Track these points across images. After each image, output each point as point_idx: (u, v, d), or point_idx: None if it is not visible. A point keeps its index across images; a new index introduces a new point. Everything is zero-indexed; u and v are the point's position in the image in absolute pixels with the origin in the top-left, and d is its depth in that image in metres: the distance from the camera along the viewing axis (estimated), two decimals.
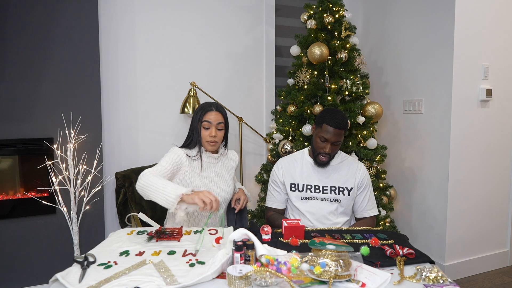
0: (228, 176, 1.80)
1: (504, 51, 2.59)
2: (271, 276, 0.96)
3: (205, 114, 1.69)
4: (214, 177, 1.75)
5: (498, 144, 2.65)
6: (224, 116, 1.72)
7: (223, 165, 1.80)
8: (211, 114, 1.68)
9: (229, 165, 1.84)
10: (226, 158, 1.84)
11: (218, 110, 1.71)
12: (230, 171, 1.83)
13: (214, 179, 1.74)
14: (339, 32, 2.44)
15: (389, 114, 2.93)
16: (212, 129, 1.67)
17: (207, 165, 1.74)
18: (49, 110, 2.19)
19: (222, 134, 1.72)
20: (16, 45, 2.10)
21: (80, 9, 2.22)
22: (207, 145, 1.70)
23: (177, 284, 1.00)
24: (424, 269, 1.07)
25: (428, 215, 2.64)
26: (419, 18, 2.65)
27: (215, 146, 1.71)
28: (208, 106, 1.71)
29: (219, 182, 1.75)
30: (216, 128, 1.68)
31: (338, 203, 1.75)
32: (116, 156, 2.56)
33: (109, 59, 2.50)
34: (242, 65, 2.90)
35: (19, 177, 2.18)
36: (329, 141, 1.67)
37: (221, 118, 1.70)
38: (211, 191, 1.44)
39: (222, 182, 1.75)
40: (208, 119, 1.67)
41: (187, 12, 2.69)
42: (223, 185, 1.75)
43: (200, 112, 1.70)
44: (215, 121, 1.68)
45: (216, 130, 1.68)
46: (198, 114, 1.71)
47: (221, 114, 1.71)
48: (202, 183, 1.69)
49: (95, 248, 1.30)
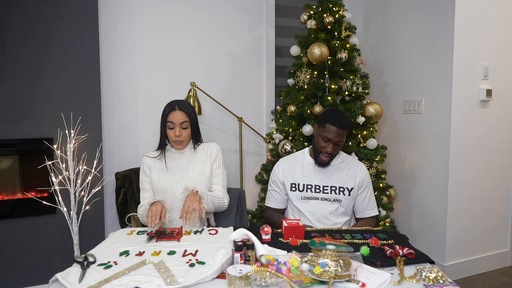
0: (200, 169, 1.75)
1: (504, 51, 2.59)
2: (271, 276, 0.96)
3: (169, 115, 1.70)
4: (181, 172, 1.74)
5: (498, 144, 2.65)
6: (188, 114, 1.71)
7: (195, 159, 1.77)
8: (174, 114, 1.69)
9: (201, 156, 1.79)
10: (198, 151, 1.80)
11: (181, 109, 1.70)
12: (205, 163, 1.78)
13: (180, 174, 1.74)
14: (339, 32, 2.44)
15: (389, 114, 2.93)
16: (176, 129, 1.69)
17: (173, 161, 1.76)
18: (49, 110, 2.19)
19: (187, 133, 1.72)
20: (16, 45, 2.10)
21: (80, 9, 2.22)
22: (174, 144, 1.74)
23: (177, 284, 1.00)
24: (424, 269, 1.07)
25: (428, 215, 2.64)
26: (419, 18, 2.64)
27: (181, 145, 1.74)
28: (171, 107, 1.71)
29: (184, 176, 1.73)
30: (180, 127, 1.69)
31: (338, 203, 1.75)
32: (116, 156, 2.56)
33: (109, 59, 2.50)
34: (242, 65, 2.89)
35: (19, 177, 2.18)
36: (332, 141, 1.67)
37: (185, 117, 1.70)
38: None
39: (189, 176, 1.72)
40: (171, 120, 1.69)
41: (187, 12, 2.69)
42: (189, 178, 1.72)
43: (164, 114, 1.72)
44: (178, 120, 1.69)
45: (180, 130, 1.69)
46: (163, 115, 1.72)
47: (185, 112, 1.70)
48: (168, 179, 1.72)
49: (95, 248, 1.30)
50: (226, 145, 2.83)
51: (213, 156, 1.80)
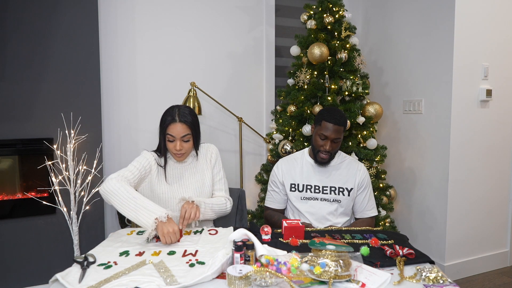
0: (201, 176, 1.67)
1: (504, 51, 2.59)
2: (271, 276, 0.96)
3: (168, 127, 1.53)
4: (181, 180, 1.63)
5: (498, 144, 2.65)
6: (190, 125, 1.54)
7: (196, 168, 1.68)
8: (174, 127, 1.52)
9: (201, 162, 1.69)
10: (200, 159, 1.70)
11: (182, 121, 1.52)
12: (206, 170, 1.69)
13: (180, 182, 1.63)
14: (339, 32, 2.44)
15: (389, 114, 2.93)
16: (177, 143, 1.53)
17: (174, 169, 1.64)
18: (49, 110, 2.19)
19: (189, 145, 1.57)
20: (16, 45, 2.10)
21: (80, 9, 2.22)
22: (175, 156, 1.59)
23: (177, 284, 1.00)
24: (424, 269, 1.07)
25: (428, 215, 2.64)
26: (419, 18, 2.65)
27: (182, 157, 1.60)
28: (170, 118, 1.53)
29: (185, 185, 1.63)
30: (181, 140, 1.53)
31: (338, 203, 1.75)
32: (116, 156, 2.56)
33: (109, 59, 2.50)
34: (242, 65, 2.90)
35: (19, 177, 2.18)
36: (329, 138, 1.67)
37: (186, 129, 1.53)
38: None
39: (192, 188, 1.63)
40: (171, 133, 1.52)
41: (187, 12, 2.69)
42: (192, 187, 1.64)
43: (163, 124, 1.55)
44: (179, 134, 1.52)
45: (181, 143, 1.54)
46: (162, 124, 1.56)
47: (186, 124, 1.53)
48: (168, 190, 1.60)
49: (95, 248, 1.30)
50: (226, 145, 2.83)
51: (213, 160, 1.72)
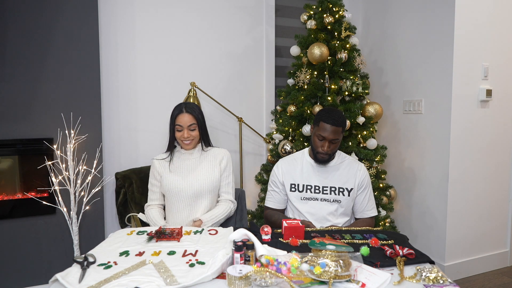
0: (208, 171, 1.79)
1: (504, 51, 2.59)
2: (271, 276, 0.96)
3: (176, 118, 1.75)
4: (187, 171, 1.78)
5: (498, 144, 2.65)
6: (195, 116, 1.76)
7: (203, 161, 1.82)
8: (182, 117, 1.74)
9: (210, 160, 1.83)
10: (208, 154, 1.84)
11: (188, 112, 1.75)
12: (214, 167, 1.81)
13: (185, 173, 1.77)
14: (339, 32, 2.44)
15: (389, 114, 2.93)
16: (184, 132, 1.74)
17: (180, 160, 1.81)
18: (49, 110, 2.19)
19: (196, 133, 1.78)
20: (16, 45, 2.10)
21: (80, 9, 2.22)
22: (183, 144, 1.78)
23: (177, 284, 1.00)
24: (424, 269, 1.07)
25: (428, 215, 2.64)
26: (419, 18, 2.65)
27: (191, 144, 1.78)
28: (179, 109, 1.77)
29: (191, 176, 1.77)
30: (188, 129, 1.75)
31: (338, 203, 1.74)
32: (116, 156, 2.56)
33: (109, 59, 2.50)
34: (242, 65, 2.89)
35: (19, 177, 2.18)
36: (327, 139, 1.66)
37: (192, 119, 1.75)
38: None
39: (196, 176, 1.77)
40: (179, 123, 1.74)
41: (187, 12, 2.69)
42: (196, 178, 1.76)
43: (172, 117, 1.77)
44: (186, 123, 1.74)
45: (188, 132, 1.75)
46: (172, 117, 1.78)
47: (192, 115, 1.75)
48: (174, 179, 1.76)
49: (95, 248, 1.30)
50: (226, 145, 2.83)
51: (223, 163, 1.84)
